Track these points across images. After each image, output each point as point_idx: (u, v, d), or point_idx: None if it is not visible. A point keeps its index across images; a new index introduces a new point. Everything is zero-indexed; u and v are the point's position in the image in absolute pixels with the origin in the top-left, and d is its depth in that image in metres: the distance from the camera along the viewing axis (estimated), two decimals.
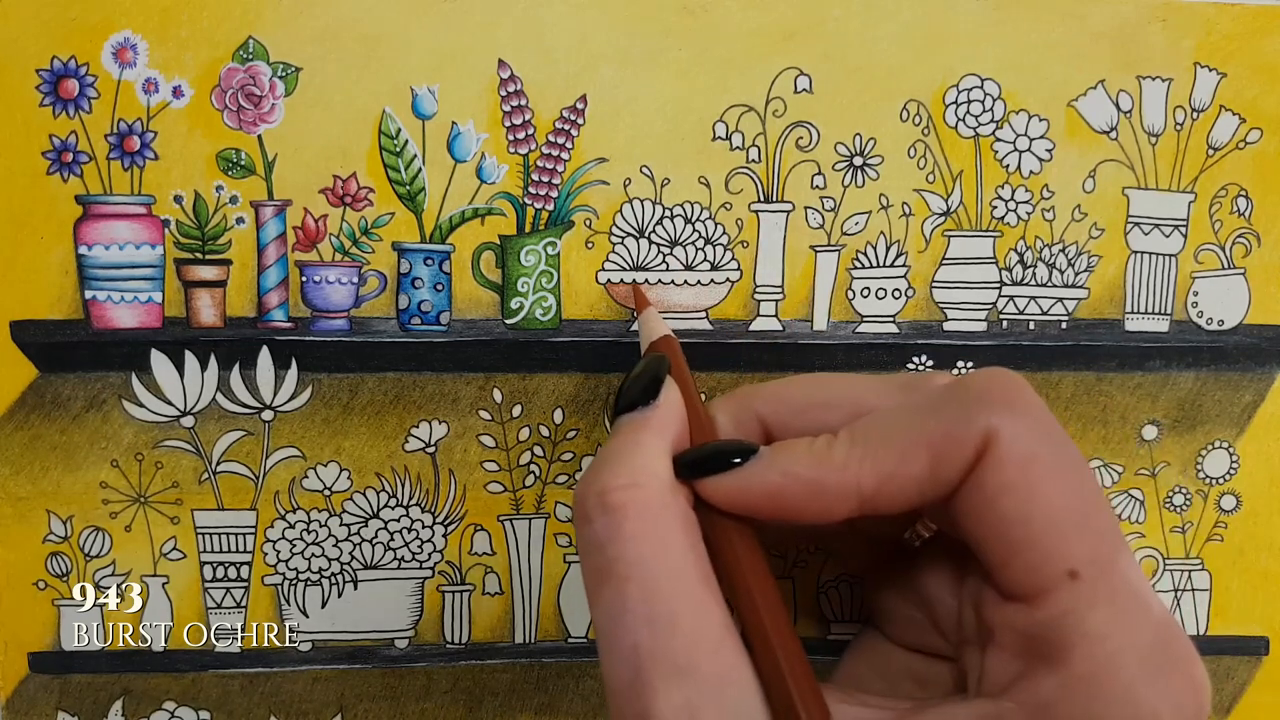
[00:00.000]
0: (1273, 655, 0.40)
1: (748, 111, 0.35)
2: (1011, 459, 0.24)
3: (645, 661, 0.24)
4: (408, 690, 0.37)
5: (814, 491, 0.25)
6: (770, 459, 0.26)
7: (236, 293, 0.35)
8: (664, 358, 0.29)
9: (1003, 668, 0.25)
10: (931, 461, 0.25)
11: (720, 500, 0.26)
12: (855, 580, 0.38)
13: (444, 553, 0.37)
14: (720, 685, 0.23)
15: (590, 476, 0.26)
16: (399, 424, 0.36)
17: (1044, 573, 0.24)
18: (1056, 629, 0.24)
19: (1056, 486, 0.24)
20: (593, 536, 0.25)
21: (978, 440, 0.24)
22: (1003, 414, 0.24)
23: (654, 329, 0.32)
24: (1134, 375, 0.38)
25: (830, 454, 0.26)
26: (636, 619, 0.24)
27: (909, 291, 0.37)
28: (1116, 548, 0.24)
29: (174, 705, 0.36)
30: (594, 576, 0.25)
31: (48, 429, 0.35)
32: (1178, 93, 0.37)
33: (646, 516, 0.25)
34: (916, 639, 0.30)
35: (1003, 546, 0.24)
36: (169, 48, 0.33)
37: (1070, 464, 0.25)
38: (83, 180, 0.34)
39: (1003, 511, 0.24)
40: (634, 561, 0.24)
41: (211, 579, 0.36)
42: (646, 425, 0.27)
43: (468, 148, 0.35)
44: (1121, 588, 0.24)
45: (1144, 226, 0.37)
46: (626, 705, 0.24)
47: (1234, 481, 0.39)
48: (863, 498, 0.25)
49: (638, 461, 0.26)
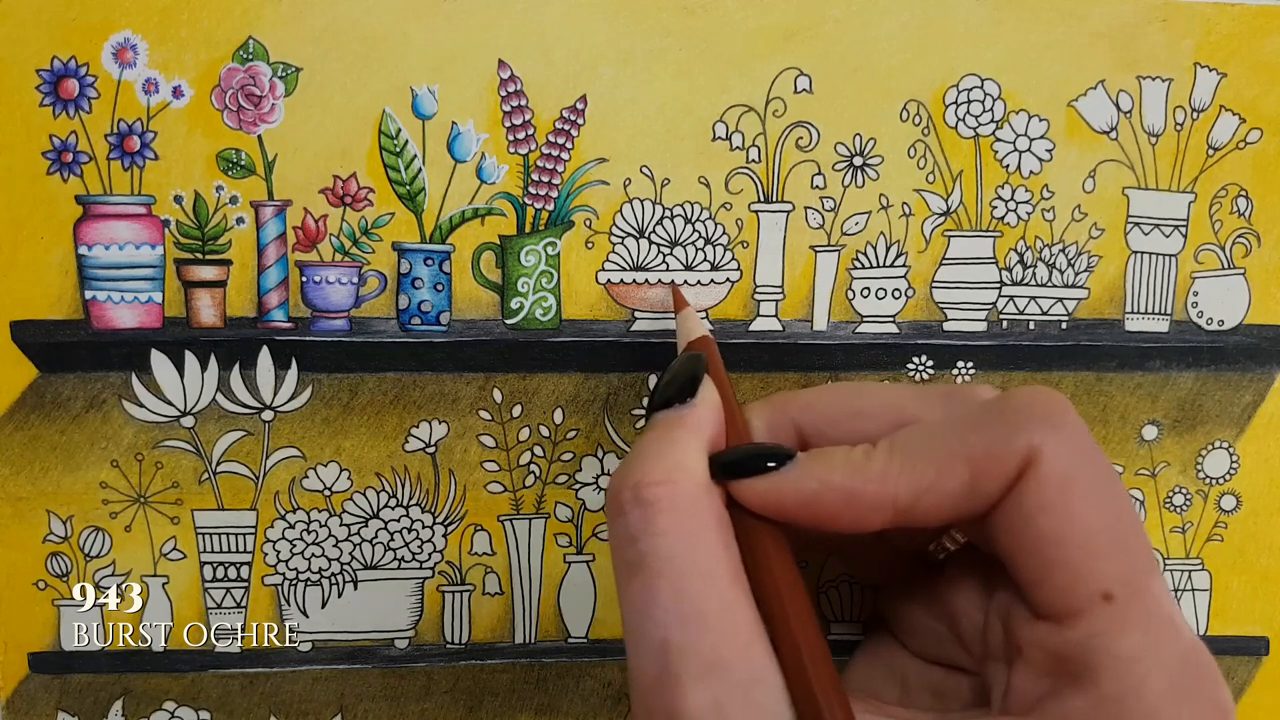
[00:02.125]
0: (1273, 655, 0.40)
1: (748, 111, 0.35)
2: (1052, 478, 0.24)
3: (674, 657, 0.23)
4: (408, 690, 0.37)
5: (849, 501, 0.25)
6: (807, 465, 0.26)
7: (236, 293, 0.35)
8: (702, 357, 0.29)
9: (1029, 685, 0.25)
10: (971, 477, 0.25)
11: (754, 503, 0.26)
12: (855, 581, 0.38)
13: (444, 553, 0.37)
14: (748, 685, 0.23)
15: (625, 470, 0.25)
16: (399, 424, 0.36)
17: (1078, 593, 0.24)
18: (1087, 650, 0.23)
19: (1094, 508, 0.24)
20: (625, 529, 0.25)
21: (1019, 458, 0.24)
22: (1045, 433, 0.24)
23: (692, 329, 0.32)
24: (1134, 375, 0.38)
25: (868, 464, 0.25)
26: (667, 614, 0.24)
27: (909, 291, 0.37)
28: (1150, 572, 0.24)
29: (174, 705, 0.36)
30: (625, 569, 0.25)
31: (48, 429, 0.35)
32: (1178, 93, 0.37)
33: (680, 512, 0.25)
34: (936, 651, 0.29)
35: (1038, 565, 0.24)
36: (169, 48, 0.33)
37: (1108, 486, 0.25)
38: (83, 180, 0.34)
39: (1040, 530, 0.24)
40: (666, 556, 0.24)
41: (211, 579, 0.36)
42: (683, 423, 0.27)
43: (468, 148, 0.35)
44: (1154, 612, 0.24)
45: (1144, 226, 0.37)
46: (653, 700, 0.24)
47: (1234, 481, 0.39)
48: (898, 509, 0.25)
49: (674, 458, 0.26)
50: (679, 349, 0.32)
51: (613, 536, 0.26)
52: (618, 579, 0.25)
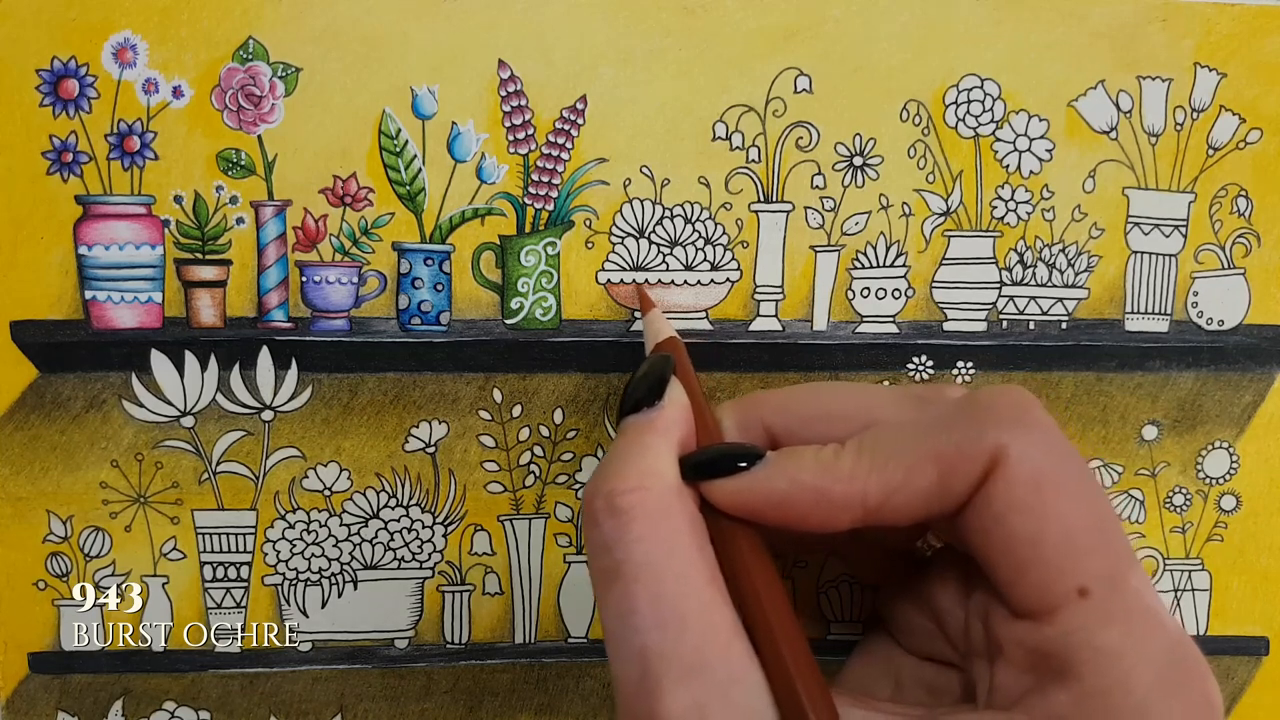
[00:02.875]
0: (1273, 655, 0.40)
1: (748, 111, 0.35)
2: (1020, 477, 0.24)
3: (654, 662, 0.24)
4: (408, 690, 0.37)
5: (818, 500, 0.25)
6: (777, 465, 0.26)
7: (236, 293, 0.35)
8: (669, 358, 0.29)
9: (1013, 681, 0.25)
10: (939, 476, 0.25)
11: (725, 504, 0.26)
12: (855, 581, 0.38)
13: (444, 553, 0.37)
14: (729, 685, 0.23)
15: (597, 479, 0.26)
16: (399, 424, 0.36)
17: (1053, 591, 0.24)
18: (1066, 646, 0.23)
19: (1066, 505, 0.24)
20: (600, 539, 0.25)
21: (986, 457, 0.24)
22: (1012, 431, 0.24)
23: (659, 330, 0.32)
24: (1134, 375, 0.38)
25: (837, 463, 0.26)
26: (645, 620, 0.24)
27: (909, 291, 0.37)
28: (1128, 565, 0.24)
29: (174, 705, 0.36)
30: (602, 577, 0.25)
31: (48, 429, 0.35)
32: (1178, 93, 0.37)
33: (653, 519, 0.25)
34: (927, 648, 0.30)
35: (1011, 564, 0.24)
36: (169, 48, 0.33)
37: (1080, 482, 0.25)
38: (83, 180, 0.34)
39: (1011, 529, 0.24)
40: (641, 563, 0.24)
41: (211, 579, 0.36)
42: (652, 427, 0.27)
43: (468, 148, 0.35)
44: (1134, 605, 0.24)
45: (1144, 226, 0.37)
46: (635, 705, 0.24)
47: (1234, 482, 0.39)
48: (867, 509, 0.25)
49: (644, 464, 0.26)
50: (647, 350, 0.32)
51: (589, 545, 0.26)
52: (595, 587, 0.26)
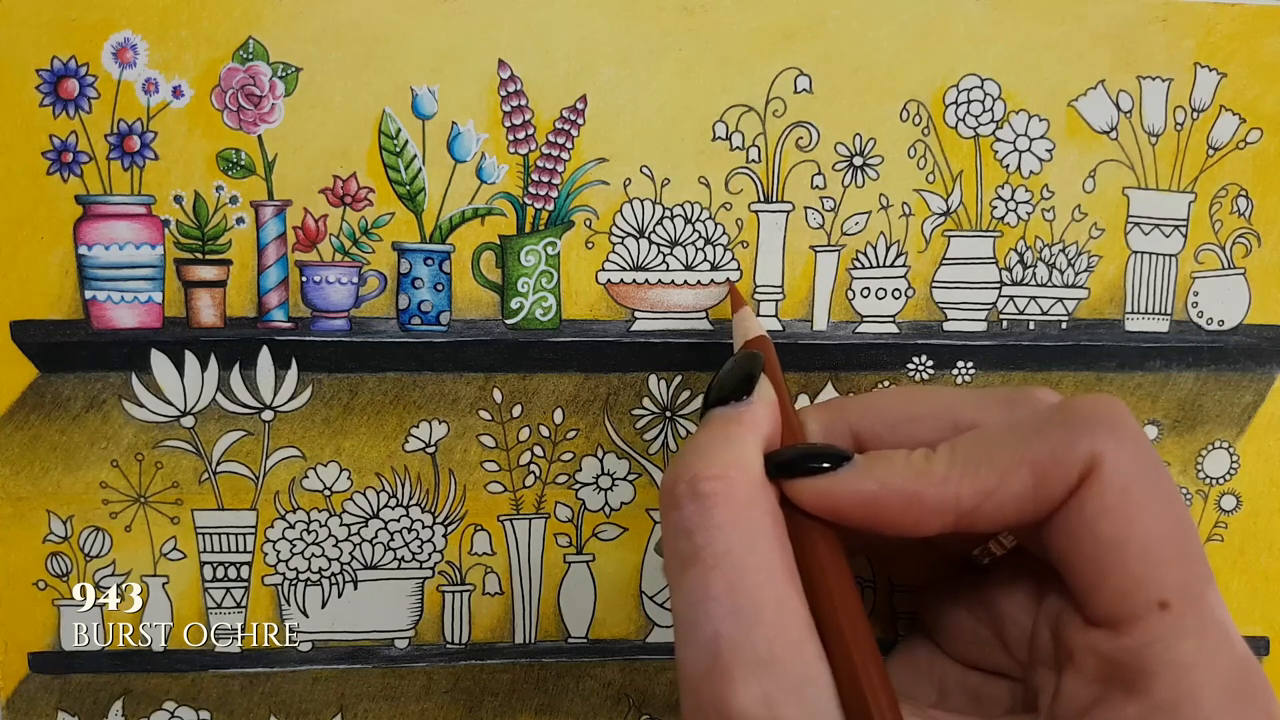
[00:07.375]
0: (1273, 655, 0.40)
1: (748, 111, 0.35)
2: (1113, 484, 0.24)
3: (726, 650, 0.23)
4: (408, 690, 0.37)
5: (910, 503, 0.25)
6: (867, 467, 0.26)
7: (236, 293, 0.35)
8: (759, 355, 0.29)
9: (1080, 691, 0.25)
10: (1034, 482, 0.25)
11: (809, 503, 0.26)
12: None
13: (444, 553, 0.37)
14: (800, 682, 0.23)
15: (681, 464, 0.25)
16: (399, 424, 0.36)
17: (1135, 600, 0.24)
18: (1142, 657, 0.23)
19: (1154, 514, 0.24)
20: (681, 522, 0.25)
21: (1083, 463, 0.24)
22: (1107, 439, 0.24)
23: (749, 328, 0.32)
24: (1134, 375, 0.38)
25: (929, 468, 0.25)
26: (720, 606, 0.24)
27: (909, 291, 0.37)
28: (1206, 580, 0.24)
29: (174, 705, 0.36)
30: (678, 561, 0.25)
31: (48, 429, 0.35)
32: (1178, 93, 0.37)
33: (736, 508, 0.25)
34: (978, 655, 0.29)
35: (1095, 571, 0.24)
36: (169, 48, 0.33)
37: (1167, 493, 0.25)
38: (83, 180, 0.34)
39: (1100, 536, 0.24)
40: (721, 551, 0.24)
41: (211, 579, 0.36)
42: (739, 420, 0.27)
43: (468, 148, 0.35)
44: (1209, 620, 0.24)
45: (1144, 226, 0.37)
46: (703, 692, 0.24)
47: (1234, 482, 0.39)
48: (960, 513, 0.25)
49: (730, 454, 0.26)
50: (735, 347, 0.32)
51: (666, 530, 0.25)
52: (669, 572, 0.25)
